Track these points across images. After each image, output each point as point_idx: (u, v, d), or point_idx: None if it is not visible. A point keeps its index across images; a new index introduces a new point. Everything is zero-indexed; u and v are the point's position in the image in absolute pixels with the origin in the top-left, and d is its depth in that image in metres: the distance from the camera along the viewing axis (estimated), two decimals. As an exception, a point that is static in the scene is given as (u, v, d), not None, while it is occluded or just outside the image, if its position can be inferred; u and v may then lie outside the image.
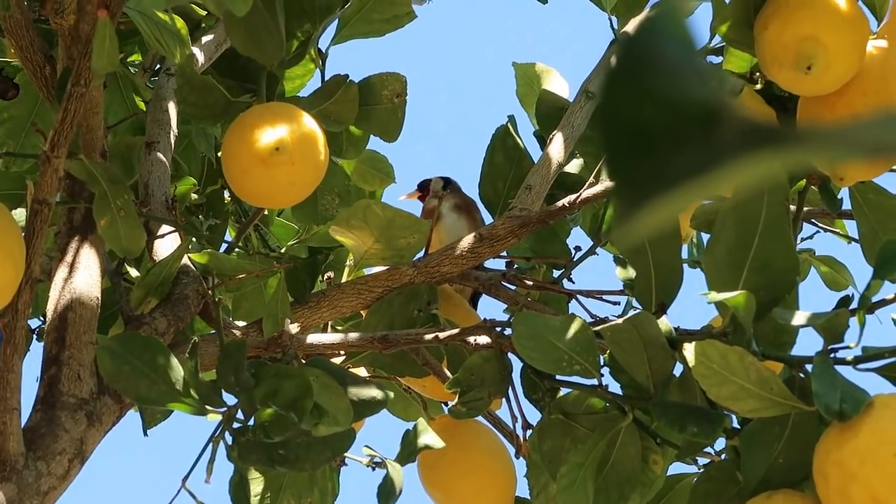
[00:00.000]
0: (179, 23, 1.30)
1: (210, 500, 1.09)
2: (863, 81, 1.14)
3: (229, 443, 1.08)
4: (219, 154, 1.52)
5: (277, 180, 1.24)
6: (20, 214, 1.39)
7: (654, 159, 0.30)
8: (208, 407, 1.09)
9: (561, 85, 1.65)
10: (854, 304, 1.01)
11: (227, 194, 1.67)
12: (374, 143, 1.55)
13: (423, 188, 1.67)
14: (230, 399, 1.10)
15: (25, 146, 1.54)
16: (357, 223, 1.34)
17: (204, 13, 1.60)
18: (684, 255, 1.72)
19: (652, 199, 0.29)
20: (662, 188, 0.29)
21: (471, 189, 1.63)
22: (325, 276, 1.46)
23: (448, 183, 1.66)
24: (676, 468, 1.25)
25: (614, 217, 1.41)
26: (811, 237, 1.75)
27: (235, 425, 1.08)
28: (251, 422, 1.08)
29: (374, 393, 1.11)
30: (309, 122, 1.26)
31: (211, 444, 1.09)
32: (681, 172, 0.29)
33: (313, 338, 1.30)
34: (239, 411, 1.09)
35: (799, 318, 0.99)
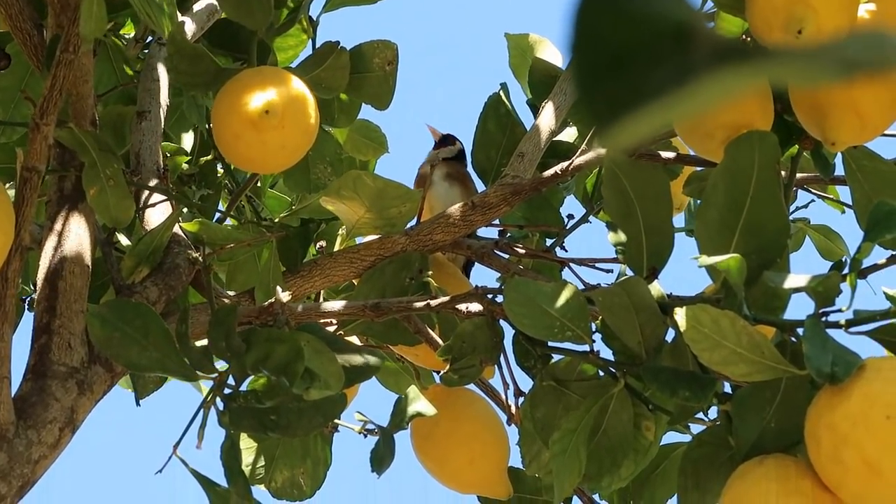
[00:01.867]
0: (168, -5, 1.30)
1: (202, 467, 1.09)
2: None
3: (220, 408, 1.08)
4: (210, 125, 1.52)
5: (268, 144, 1.24)
6: (12, 190, 1.38)
7: (627, 77, 0.30)
8: (199, 372, 1.09)
9: (554, 54, 1.64)
10: (846, 269, 1.00)
11: (219, 166, 1.67)
12: (367, 113, 1.55)
13: (448, 141, 1.68)
14: (221, 365, 1.10)
15: (15, 116, 1.54)
16: (348, 193, 1.33)
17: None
18: (680, 223, 1.72)
19: (626, 115, 0.29)
20: (636, 104, 0.29)
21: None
22: (318, 246, 1.45)
23: (453, 143, 1.66)
24: (672, 437, 1.25)
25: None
26: (806, 206, 1.74)
27: (226, 391, 1.08)
28: (242, 387, 1.08)
29: (366, 359, 1.11)
30: (299, 86, 1.26)
31: (202, 410, 1.09)
32: (654, 89, 0.29)
33: (305, 306, 1.30)
34: (230, 377, 1.08)
35: (789, 281, 0.98)
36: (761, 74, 0.30)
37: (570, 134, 1.55)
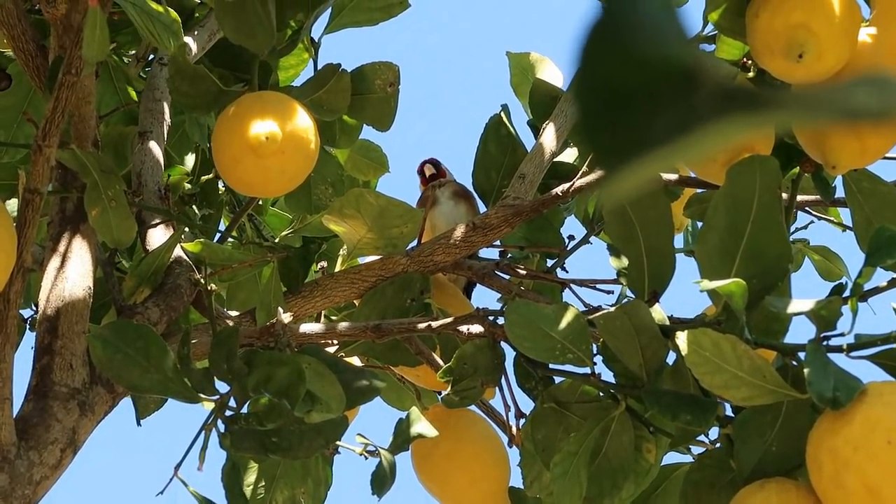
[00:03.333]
0: (172, 14, 1.30)
1: (203, 488, 1.09)
2: (855, 69, 1.14)
3: (222, 430, 1.08)
4: (211, 147, 1.52)
5: (268, 169, 1.24)
6: (13, 205, 1.38)
7: (631, 120, 0.30)
8: (201, 395, 1.09)
9: (555, 74, 1.65)
10: (847, 292, 1.01)
11: (221, 184, 1.67)
12: (368, 133, 1.55)
13: (436, 167, 1.67)
14: (223, 387, 1.10)
15: (17, 137, 1.54)
16: (350, 212, 1.33)
17: (197, 1, 1.60)
18: (679, 244, 1.72)
19: (631, 160, 0.29)
20: (641, 149, 0.29)
21: (464, 178, 1.63)
22: (319, 266, 1.45)
23: (435, 165, 1.66)
24: (672, 458, 1.25)
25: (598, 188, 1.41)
26: (805, 227, 1.75)
27: (228, 413, 1.08)
28: (244, 409, 1.08)
29: (367, 381, 1.11)
30: (299, 111, 1.26)
31: (203, 432, 1.09)
32: (659, 133, 0.29)
33: (306, 327, 1.30)
34: (231, 399, 1.08)
35: (791, 305, 0.99)
36: (767, 121, 0.30)
37: (570, 155, 1.55)
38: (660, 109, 0.30)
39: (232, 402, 1.09)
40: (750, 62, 1.26)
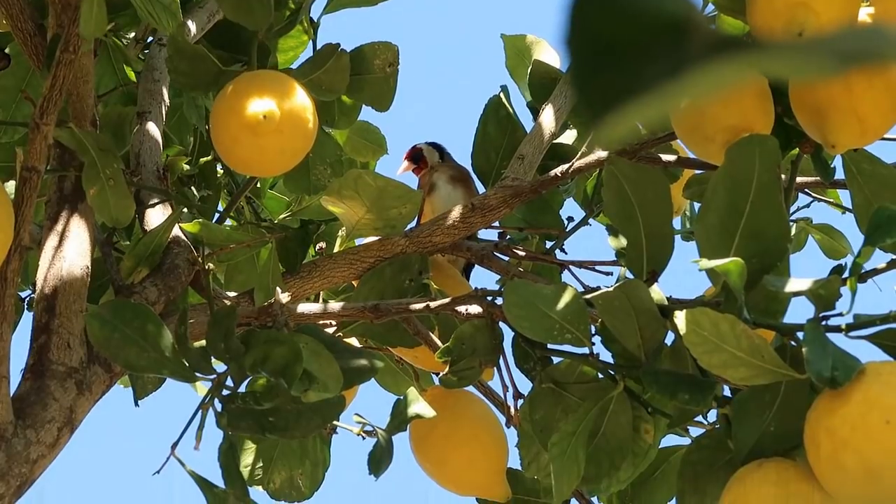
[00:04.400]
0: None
1: (200, 467, 1.09)
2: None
3: (219, 410, 1.08)
4: (209, 126, 1.52)
5: (266, 148, 1.24)
6: (12, 187, 1.38)
7: (621, 70, 0.30)
8: (197, 374, 1.09)
9: (552, 56, 1.64)
10: (846, 273, 1.00)
11: (219, 167, 1.67)
12: (367, 114, 1.55)
13: (418, 159, 1.67)
14: (220, 366, 1.10)
15: (16, 117, 1.54)
16: (349, 193, 1.33)
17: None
18: (677, 226, 1.72)
19: (620, 107, 0.29)
20: (631, 96, 0.29)
21: (463, 159, 1.63)
22: (318, 247, 1.45)
23: (440, 150, 1.66)
24: (671, 440, 1.25)
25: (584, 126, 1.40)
26: (808, 206, 1.74)
27: (225, 392, 1.08)
28: (241, 389, 1.08)
29: (364, 360, 1.11)
30: (297, 90, 1.26)
31: (200, 411, 1.08)
32: (649, 82, 0.29)
33: (304, 307, 1.30)
34: (228, 378, 1.08)
35: (789, 285, 0.98)
36: (756, 67, 0.30)
37: (570, 136, 1.55)
38: (650, 59, 0.30)
39: (229, 382, 1.09)
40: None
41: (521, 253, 1.45)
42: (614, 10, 0.30)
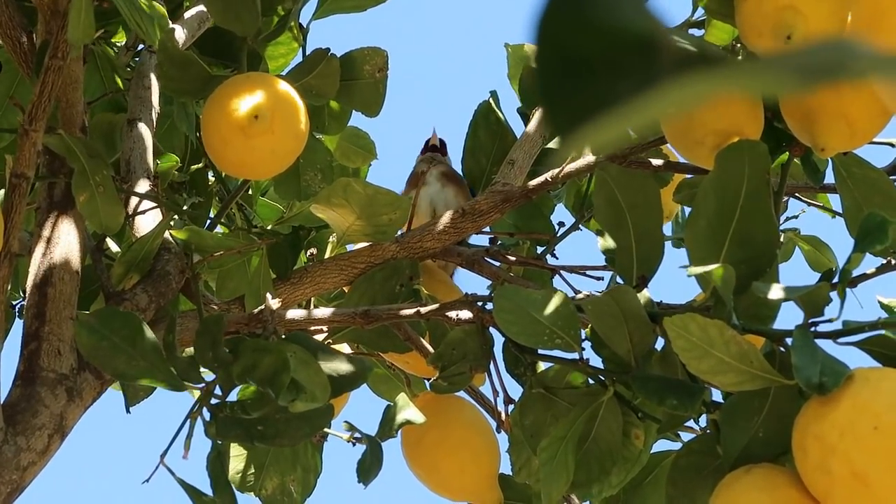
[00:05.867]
0: (159, 8, 1.30)
1: (190, 475, 1.09)
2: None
3: (207, 419, 1.08)
4: (199, 133, 1.52)
5: (257, 149, 1.23)
6: (1, 194, 1.38)
7: (590, 86, 0.30)
8: (186, 382, 1.09)
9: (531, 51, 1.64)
10: (835, 278, 1.00)
11: (210, 175, 1.67)
12: (357, 120, 1.55)
13: (441, 148, 1.67)
14: (209, 375, 1.09)
15: (2, 124, 1.53)
16: (338, 201, 1.33)
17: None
18: (668, 232, 1.72)
19: (588, 122, 0.29)
20: (599, 112, 0.29)
21: (454, 164, 1.63)
22: (308, 253, 1.45)
23: (442, 144, 1.66)
24: (664, 446, 1.25)
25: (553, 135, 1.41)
26: (796, 216, 1.74)
27: (213, 401, 1.08)
28: (229, 398, 1.08)
29: (353, 368, 1.10)
30: (288, 91, 1.26)
31: (189, 420, 1.08)
32: (618, 97, 0.29)
33: (295, 313, 1.30)
34: (217, 387, 1.08)
35: (778, 291, 0.98)
36: (724, 84, 0.30)
37: (560, 140, 1.55)
38: (619, 75, 0.30)
39: (218, 391, 1.09)
40: (739, 45, 1.26)
41: (512, 258, 1.45)
42: (583, 25, 0.30)
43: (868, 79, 0.30)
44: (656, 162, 1.39)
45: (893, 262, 1.13)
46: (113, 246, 1.51)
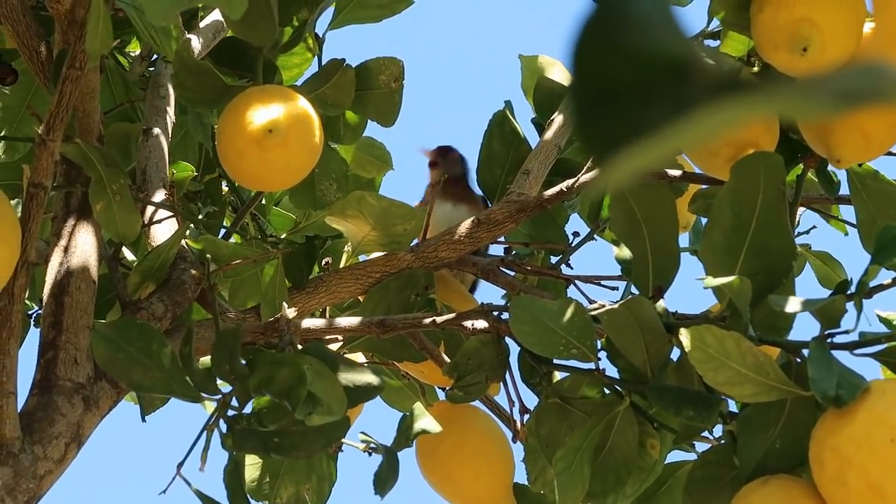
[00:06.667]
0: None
1: (206, 487, 1.09)
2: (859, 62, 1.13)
3: (224, 431, 1.08)
4: (214, 143, 1.52)
5: (272, 162, 1.24)
6: (19, 204, 1.38)
7: (624, 112, 0.30)
8: (203, 394, 1.09)
9: (564, 75, 1.64)
10: (851, 290, 1.00)
11: (224, 185, 1.67)
12: (372, 130, 1.55)
13: (444, 155, 1.67)
14: (225, 387, 1.10)
15: (19, 133, 1.54)
16: (352, 213, 1.33)
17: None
18: (685, 242, 1.72)
19: (623, 149, 0.29)
20: (633, 138, 0.29)
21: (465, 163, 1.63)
22: (324, 262, 1.45)
23: (464, 165, 1.65)
24: (678, 456, 1.25)
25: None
26: (808, 232, 1.74)
27: (230, 413, 1.08)
28: (246, 409, 1.08)
29: (370, 379, 1.10)
30: (303, 104, 1.26)
31: (205, 432, 1.08)
32: (651, 123, 0.29)
33: (310, 322, 1.30)
34: (233, 399, 1.08)
35: (794, 304, 0.98)
36: (757, 108, 0.30)
37: (575, 150, 1.55)
38: (653, 102, 0.30)
39: (234, 402, 1.09)
40: (755, 57, 1.26)
41: (527, 268, 1.45)
42: (615, 52, 0.30)
43: None
44: (672, 172, 1.39)
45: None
46: (129, 255, 1.51)
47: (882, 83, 0.30)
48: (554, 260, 1.50)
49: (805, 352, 1.00)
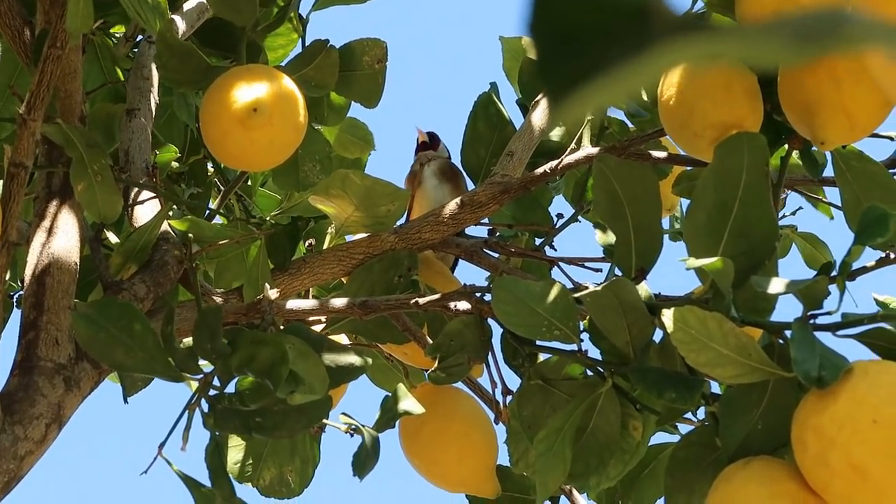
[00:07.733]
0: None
1: (188, 467, 1.09)
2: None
3: (205, 410, 1.07)
4: (199, 123, 1.52)
5: (256, 141, 1.23)
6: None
7: (583, 53, 0.30)
8: (184, 374, 1.08)
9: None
10: (834, 271, 1.00)
11: (210, 166, 1.66)
12: (356, 111, 1.55)
13: (434, 141, 1.67)
14: (207, 366, 1.09)
15: (3, 114, 1.53)
16: (336, 192, 1.33)
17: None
18: (667, 226, 1.72)
19: (582, 88, 0.29)
20: (591, 77, 0.29)
21: (453, 156, 1.62)
22: (307, 243, 1.45)
23: (431, 137, 1.65)
24: (662, 438, 1.25)
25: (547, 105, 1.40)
26: (794, 213, 1.74)
27: (212, 392, 1.08)
28: (228, 389, 1.08)
29: (352, 359, 1.10)
30: (287, 83, 1.25)
31: (187, 412, 1.08)
32: (610, 63, 0.29)
33: (293, 303, 1.30)
34: (215, 378, 1.08)
35: (777, 284, 0.98)
36: (717, 49, 0.30)
37: (559, 132, 1.55)
38: (612, 42, 0.30)
39: (216, 382, 1.08)
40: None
41: (511, 249, 1.45)
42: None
43: (863, 47, 0.30)
44: (656, 154, 1.39)
45: (893, 255, 1.13)
46: (111, 237, 1.51)
47: (843, 25, 0.30)
48: (538, 241, 1.50)
49: (788, 333, 0.99)
